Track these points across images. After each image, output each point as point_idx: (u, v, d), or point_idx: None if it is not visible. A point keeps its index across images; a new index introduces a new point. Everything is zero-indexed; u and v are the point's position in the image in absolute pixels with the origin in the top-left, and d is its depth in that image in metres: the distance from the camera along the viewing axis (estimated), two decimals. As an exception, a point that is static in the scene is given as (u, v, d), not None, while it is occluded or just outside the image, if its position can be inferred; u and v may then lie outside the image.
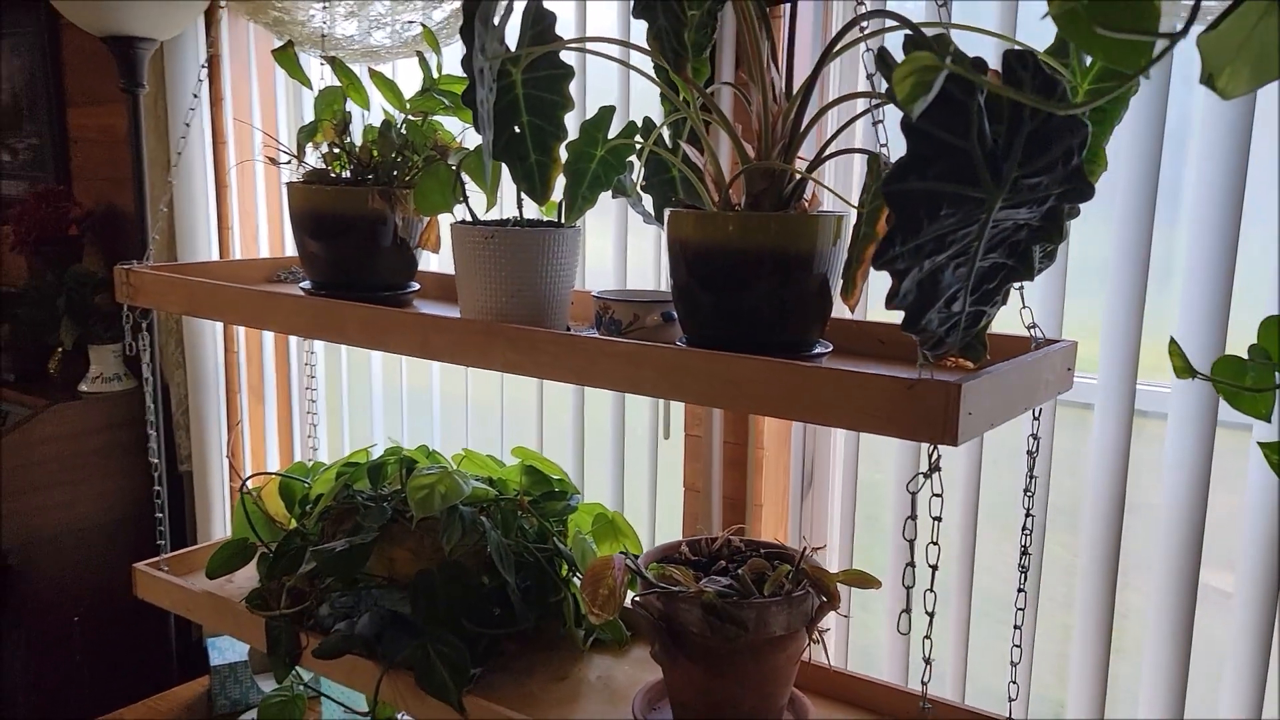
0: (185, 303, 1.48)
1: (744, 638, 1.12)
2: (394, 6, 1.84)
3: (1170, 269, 1.38)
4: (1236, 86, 0.68)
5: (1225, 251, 1.25)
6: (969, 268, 0.83)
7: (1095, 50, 0.69)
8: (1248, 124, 1.23)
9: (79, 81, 2.64)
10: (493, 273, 1.21)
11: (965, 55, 0.83)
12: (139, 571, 1.62)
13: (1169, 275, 1.37)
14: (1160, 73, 1.29)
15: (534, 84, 1.18)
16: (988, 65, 0.80)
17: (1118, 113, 1.05)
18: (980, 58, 0.78)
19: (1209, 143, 1.26)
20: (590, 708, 1.30)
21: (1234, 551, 1.33)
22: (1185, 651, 1.34)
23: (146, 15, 1.95)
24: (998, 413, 0.93)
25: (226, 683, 2.02)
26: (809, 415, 0.93)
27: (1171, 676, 1.35)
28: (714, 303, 1.05)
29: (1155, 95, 1.29)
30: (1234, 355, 0.85)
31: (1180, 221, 1.33)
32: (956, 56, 0.81)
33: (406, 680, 1.29)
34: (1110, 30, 0.61)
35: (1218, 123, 1.25)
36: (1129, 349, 1.34)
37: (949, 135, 0.75)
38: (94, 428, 2.39)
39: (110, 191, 2.61)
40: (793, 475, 1.63)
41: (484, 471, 1.53)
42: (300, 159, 1.51)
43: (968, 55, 0.83)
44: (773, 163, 1.07)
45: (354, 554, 1.37)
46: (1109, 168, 1.04)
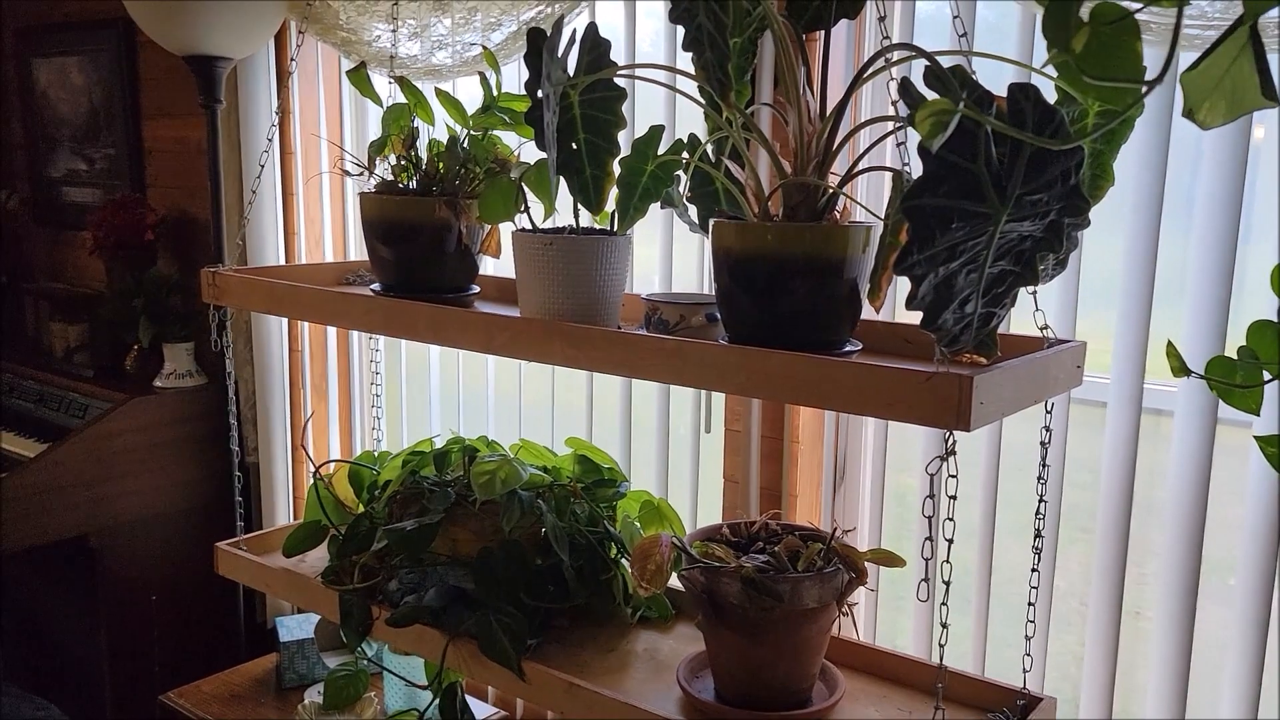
0: (267, 302, 1.61)
1: (779, 609, 1.23)
2: (455, 28, 1.97)
3: (1182, 277, 1.47)
4: (1214, 119, 0.79)
5: (1225, 260, 1.34)
6: (979, 274, 0.94)
7: (1087, 94, 0.81)
8: (1244, 145, 1.33)
9: (154, 96, 2.80)
10: (551, 276, 1.34)
11: (978, 85, 0.94)
12: (221, 550, 1.75)
13: (1180, 282, 1.47)
14: (1166, 95, 1.38)
15: (590, 105, 1.30)
16: (994, 97, 0.91)
17: (1124, 134, 1.15)
18: (987, 92, 0.89)
19: (1212, 160, 1.36)
20: (637, 676, 1.41)
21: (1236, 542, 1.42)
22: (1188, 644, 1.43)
23: (224, 36, 2.10)
24: (1008, 404, 1.04)
25: (294, 658, 2.16)
26: (838, 404, 1.04)
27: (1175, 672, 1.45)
28: (754, 304, 1.16)
29: (1161, 116, 1.39)
30: (1226, 356, 0.95)
31: (1190, 231, 1.43)
32: (970, 89, 0.92)
33: (470, 647, 1.41)
34: (1095, 80, 0.72)
35: (1219, 142, 1.35)
36: (1138, 351, 1.43)
37: (959, 159, 0.86)
38: (167, 420, 2.55)
39: (182, 200, 2.77)
40: (825, 468, 1.74)
41: (539, 460, 1.65)
42: (371, 171, 1.64)
43: (979, 84, 0.94)
44: (808, 178, 1.18)
45: (422, 533, 1.49)
46: (1117, 183, 1.15)
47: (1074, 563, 1.67)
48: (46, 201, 3.18)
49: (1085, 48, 0.73)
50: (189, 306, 2.67)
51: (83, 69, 2.94)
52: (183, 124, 2.74)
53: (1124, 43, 0.74)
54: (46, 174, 3.15)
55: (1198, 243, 1.38)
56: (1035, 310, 1.20)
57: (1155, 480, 1.54)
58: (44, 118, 3.12)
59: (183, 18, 2.04)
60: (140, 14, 2.11)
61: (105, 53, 2.84)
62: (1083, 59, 0.73)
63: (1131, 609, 1.55)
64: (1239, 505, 1.42)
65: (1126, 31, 0.73)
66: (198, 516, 2.61)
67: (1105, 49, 0.74)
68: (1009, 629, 1.64)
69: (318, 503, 1.72)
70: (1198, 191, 1.39)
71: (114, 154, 2.91)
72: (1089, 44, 0.73)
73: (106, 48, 2.83)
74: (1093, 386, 1.50)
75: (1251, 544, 1.37)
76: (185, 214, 2.77)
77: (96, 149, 2.96)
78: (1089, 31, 0.73)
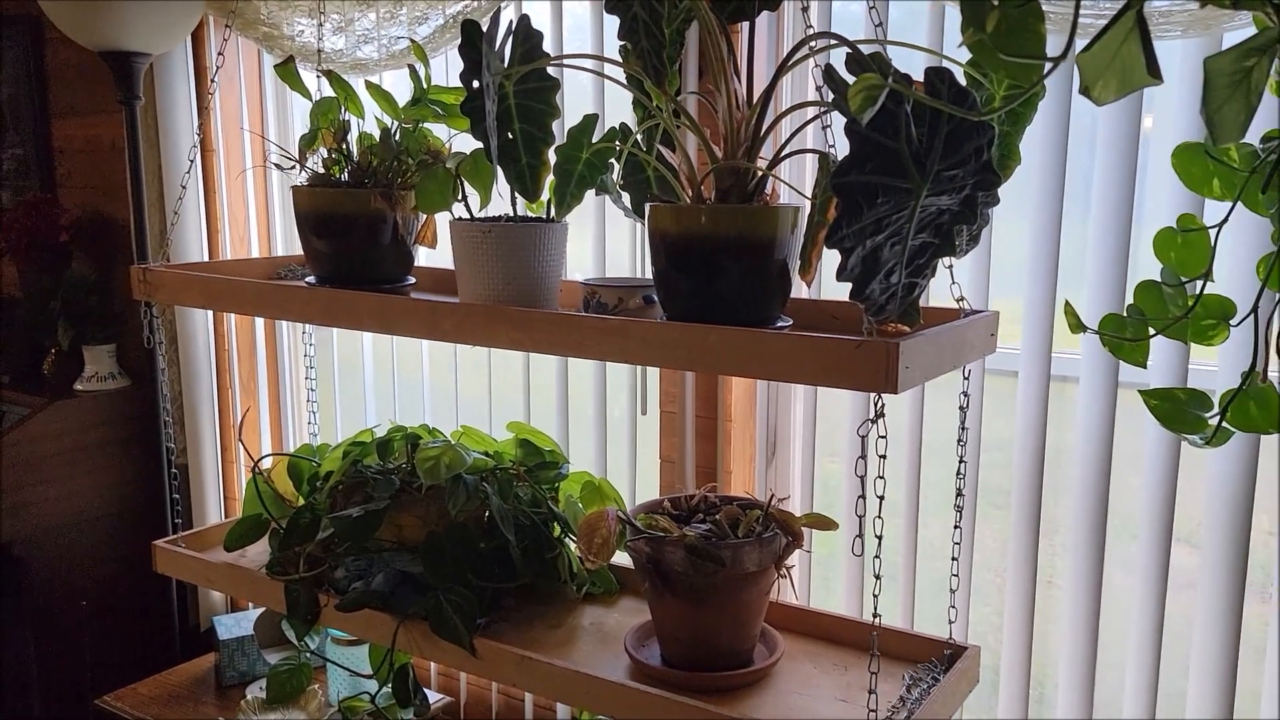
0: (204, 297, 1.62)
1: (722, 574, 1.29)
2: (381, 22, 1.99)
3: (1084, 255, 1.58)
4: (1107, 95, 0.87)
5: (1121, 239, 1.45)
6: (903, 246, 1.00)
7: (999, 70, 0.88)
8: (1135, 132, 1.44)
9: (63, 94, 2.74)
10: (490, 264, 1.37)
11: (897, 70, 1.01)
12: (159, 549, 1.74)
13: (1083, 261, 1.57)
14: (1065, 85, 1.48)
15: (525, 95, 1.33)
16: (913, 79, 0.98)
17: (1028, 116, 1.24)
18: (906, 75, 0.96)
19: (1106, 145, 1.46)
20: (586, 648, 1.46)
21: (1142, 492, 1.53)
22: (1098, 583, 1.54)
23: (142, 31, 2.08)
24: (931, 368, 1.11)
25: (234, 656, 2.16)
26: (777, 374, 1.10)
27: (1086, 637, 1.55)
28: (690, 284, 1.21)
29: (1060, 106, 1.49)
30: (1116, 314, 1.04)
31: (1090, 212, 1.53)
32: (891, 73, 0.99)
33: (421, 629, 1.44)
34: (1008, 55, 0.79)
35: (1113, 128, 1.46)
36: (1045, 320, 1.53)
37: (883, 137, 0.93)
38: (90, 424, 2.50)
39: (96, 199, 2.72)
40: (757, 444, 1.81)
41: (482, 445, 1.68)
42: (303, 165, 1.65)
43: (897, 69, 1.01)
44: (738, 162, 1.24)
45: (368, 519, 1.52)
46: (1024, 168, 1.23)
47: (990, 539, 1.77)
48: (-51, 205, 3.08)
49: (996, 28, 0.80)
50: (108, 308, 2.62)
51: (-15, 67, 2.86)
52: (94, 122, 2.69)
53: (1029, 24, 0.81)
54: (-51, 176, 3.06)
55: (1095, 223, 1.49)
56: (952, 283, 1.28)
57: (1064, 456, 1.65)
58: (-55, 118, 3.02)
59: (100, 13, 2.02)
60: (55, 10, 2.08)
61: (10, 50, 2.77)
62: (995, 38, 0.80)
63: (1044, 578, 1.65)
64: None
65: (1032, 14, 0.81)
66: (126, 520, 2.57)
67: (1014, 30, 0.82)
68: (932, 603, 1.73)
69: (257, 497, 1.72)
70: (1095, 175, 1.49)
71: (21, 154, 2.84)
72: (999, 25, 0.80)
73: (11, 45, 2.76)
74: (1007, 357, 1.59)
75: (1150, 504, 1.48)
76: (100, 213, 2.72)
77: (3, 149, 2.88)
78: (999, 14, 0.80)
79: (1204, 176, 1.06)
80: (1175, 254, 1.07)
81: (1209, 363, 1.50)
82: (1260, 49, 0.82)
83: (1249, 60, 0.82)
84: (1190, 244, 1.06)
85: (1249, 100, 0.83)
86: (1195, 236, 1.06)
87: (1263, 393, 1.03)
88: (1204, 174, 1.06)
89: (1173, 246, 1.07)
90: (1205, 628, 1.48)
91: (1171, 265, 1.08)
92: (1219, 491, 1.44)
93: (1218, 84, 0.83)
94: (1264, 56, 0.82)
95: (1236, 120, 0.84)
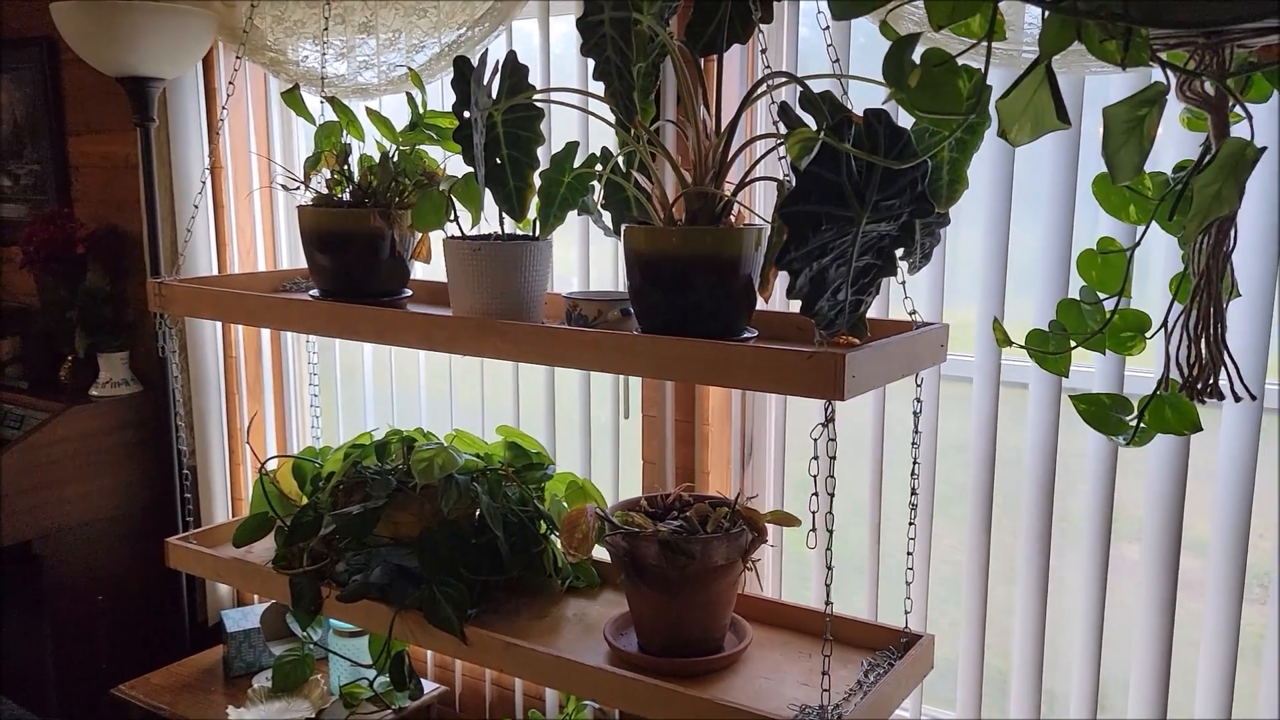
0: (214, 309, 1.73)
1: (692, 566, 1.40)
2: (381, 49, 2.10)
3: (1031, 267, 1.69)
4: (1022, 137, 0.98)
5: (1063, 251, 1.56)
6: (847, 267, 1.11)
7: (921, 121, 0.99)
8: (1075, 152, 1.55)
9: (79, 113, 2.87)
10: (480, 278, 1.48)
11: (842, 108, 1.12)
12: (171, 545, 1.86)
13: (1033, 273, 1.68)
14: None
15: (512, 124, 1.45)
16: (854, 118, 1.09)
17: (975, 144, 1.35)
18: (849, 115, 1.07)
19: (1048, 166, 1.58)
20: (569, 636, 1.56)
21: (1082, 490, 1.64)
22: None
23: (157, 57, 2.20)
24: (879, 377, 1.22)
25: (241, 648, 2.27)
26: (736, 382, 1.21)
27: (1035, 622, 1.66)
28: (662, 299, 1.32)
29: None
30: (1040, 329, 1.15)
31: (1037, 227, 1.64)
32: (836, 111, 1.10)
33: (415, 618, 1.55)
34: (922, 112, 0.90)
35: (1054, 150, 1.57)
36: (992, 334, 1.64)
37: (825, 172, 1.04)
38: (105, 428, 2.62)
39: (110, 213, 2.84)
40: (733, 447, 1.92)
41: (473, 448, 1.79)
42: (307, 185, 1.76)
43: (844, 107, 1.12)
44: (706, 187, 1.35)
45: (367, 516, 1.63)
46: (979, 191, 1.34)
47: (947, 543, 1.88)
48: (-32, 218, 3.20)
49: (919, 84, 0.91)
50: (121, 317, 2.74)
51: (4, 87, 2.98)
52: (108, 139, 2.81)
53: (948, 80, 0.92)
54: (-33, 190, 3.18)
55: (1042, 237, 1.60)
56: (905, 298, 1.39)
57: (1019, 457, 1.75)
58: (-37, 135, 3.15)
59: (118, 41, 2.14)
60: (74, 37, 2.20)
61: (28, 70, 2.89)
62: (916, 94, 0.91)
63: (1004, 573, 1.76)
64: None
65: (950, 71, 0.92)
66: (137, 520, 2.69)
67: (934, 85, 0.93)
68: (896, 601, 1.84)
69: (264, 496, 1.83)
70: (1041, 193, 1.60)
71: (39, 170, 2.96)
72: (921, 81, 0.91)
73: (29, 65, 2.88)
74: (963, 365, 1.70)
75: (1094, 497, 1.59)
76: (114, 227, 2.84)
77: (21, 165, 3.01)
78: (921, 71, 0.91)
79: (1121, 203, 1.17)
80: (1096, 273, 1.18)
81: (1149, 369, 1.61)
82: (1150, 100, 0.93)
83: (1141, 110, 0.93)
84: (1109, 264, 1.17)
85: (1142, 145, 0.94)
86: (1114, 257, 1.17)
87: (1178, 397, 1.14)
88: (1121, 200, 1.17)
89: (1094, 266, 1.18)
90: (1147, 617, 1.59)
91: (1093, 283, 1.18)
92: (1156, 489, 1.55)
93: (1115, 129, 0.94)
94: (1154, 107, 0.93)
95: (1131, 161, 0.95)
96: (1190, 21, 0.82)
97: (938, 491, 1.76)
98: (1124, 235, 1.23)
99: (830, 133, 0.97)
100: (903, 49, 0.92)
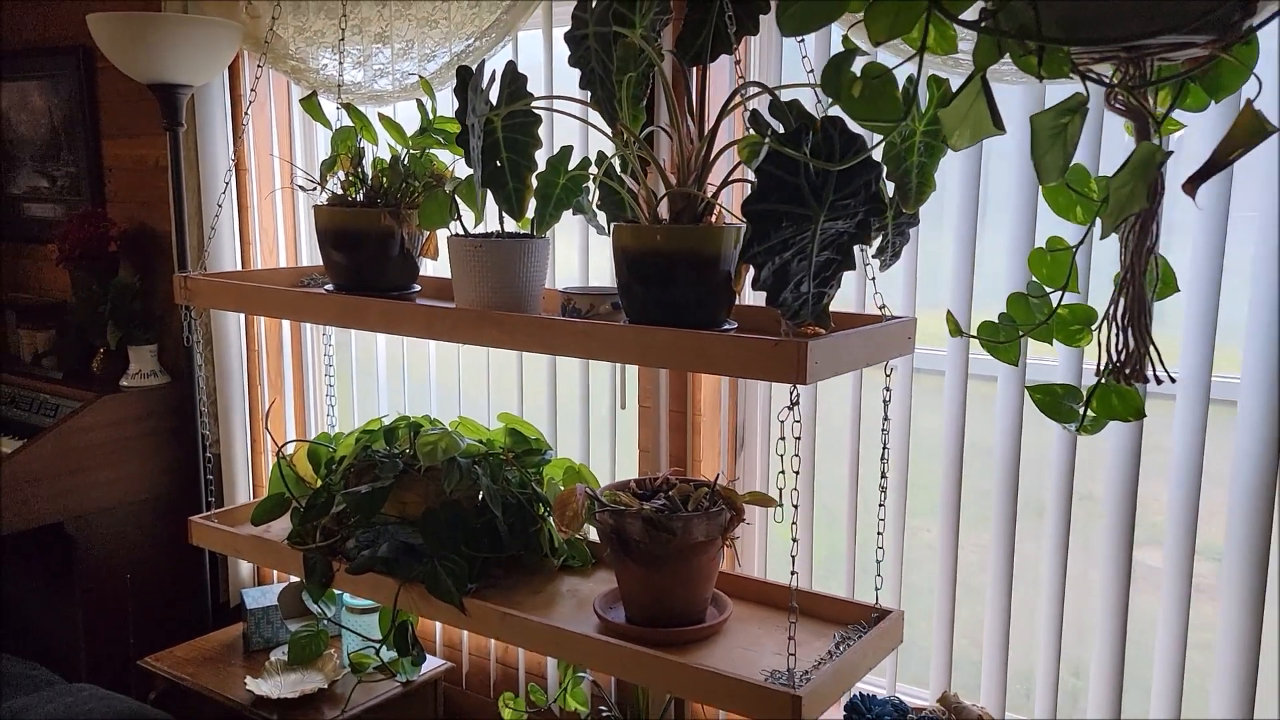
0: (237, 302, 1.85)
1: (674, 542, 1.50)
2: (395, 58, 2.22)
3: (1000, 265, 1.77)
4: (962, 143, 1.07)
5: (1028, 250, 1.65)
6: (808, 261, 1.21)
7: (865, 127, 1.09)
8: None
9: (112, 117, 3.01)
10: (481, 273, 1.59)
11: (806, 114, 1.22)
12: (195, 523, 1.97)
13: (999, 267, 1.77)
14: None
15: (511, 129, 1.55)
16: (815, 123, 1.19)
17: (942, 151, 1.44)
18: (810, 120, 1.17)
19: (1014, 171, 1.67)
20: (562, 610, 1.67)
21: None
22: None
23: (186, 66, 2.33)
24: (841, 364, 1.32)
25: (260, 624, 2.39)
26: (710, 368, 1.31)
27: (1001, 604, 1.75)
28: (648, 293, 1.42)
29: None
30: (990, 320, 1.24)
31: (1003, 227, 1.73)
32: (800, 117, 1.20)
33: (419, 590, 1.66)
34: (862, 120, 1.00)
35: (1022, 157, 1.66)
36: (966, 326, 1.73)
37: (784, 173, 1.14)
38: (134, 416, 2.76)
39: (140, 213, 2.98)
40: (722, 435, 2.01)
41: (476, 434, 1.90)
42: (323, 186, 1.88)
43: (808, 113, 1.22)
44: (689, 189, 1.45)
45: (375, 495, 1.74)
46: (952, 192, 1.44)
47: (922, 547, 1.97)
48: (7, 217, 3.36)
49: (861, 94, 1.01)
50: (149, 311, 2.88)
51: (43, 92, 3.13)
52: (140, 143, 2.95)
53: (886, 91, 1.02)
54: (7, 191, 3.33)
55: (1007, 236, 1.69)
56: (875, 293, 1.48)
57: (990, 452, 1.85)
58: (4, 138, 3.30)
59: (149, 51, 2.27)
60: (109, 47, 2.33)
61: (65, 77, 3.04)
62: (857, 104, 1.01)
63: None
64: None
65: (887, 83, 1.02)
66: (163, 503, 2.83)
67: (874, 95, 1.02)
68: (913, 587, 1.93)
69: (281, 478, 1.95)
70: (1009, 196, 1.70)
71: (74, 171, 3.10)
72: (863, 91, 1.01)
73: (67, 73, 3.03)
74: (937, 359, 1.80)
75: (1058, 482, 1.68)
76: (144, 226, 2.97)
77: (58, 167, 3.15)
78: (862, 83, 1.01)
79: (1069, 205, 1.26)
80: (1045, 269, 1.27)
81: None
82: (1073, 109, 1.02)
83: (1064, 118, 1.03)
84: (1057, 261, 1.26)
85: (1065, 149, 1.03)
86: (1061, 255, 1.26)
87: (1122, 386, 1.23)
88: (1069, 202, 1.26)
89: (1044, 263, 1.27)
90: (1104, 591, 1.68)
91: (1043, 279, 1.28)
92: (1115, 461, 1.64)
93: (1041, 136, 1.04)
94: (1076, 115, 1.03)
95: (1056, 165, 1.04)
96: (1099, 39, 0.91)
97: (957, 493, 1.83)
98: (1077, 236, 1.32)
99: (780, 139, 1.07)
100: (840, 64, 1.02)
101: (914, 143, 1.38)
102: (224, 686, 2.24)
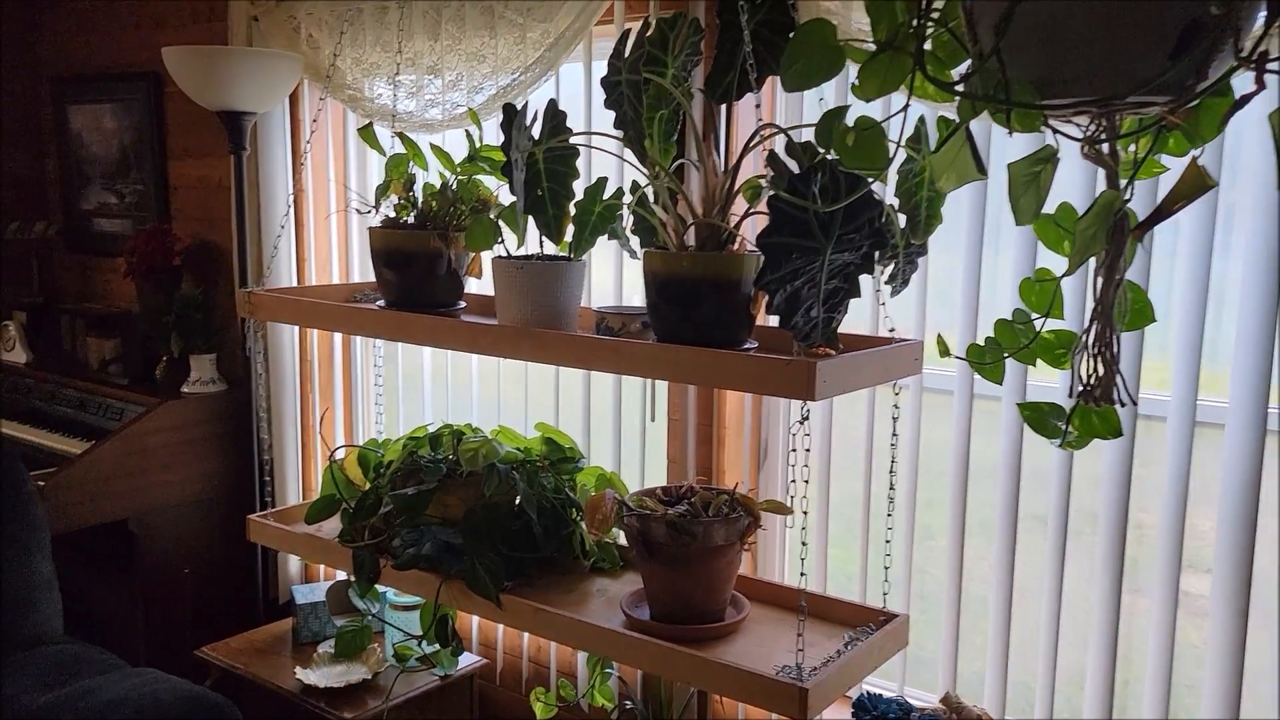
0: (295, 315, 2.00)
1: (695, 545, 1.62)
2: (445, 89, 2.37)
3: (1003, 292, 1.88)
4: (949, 186, 1.20)
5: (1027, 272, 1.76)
6: (817, 289, 1.33)
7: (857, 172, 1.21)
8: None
9: (178, 139, 3.20)
10: (522, 293, 1.72)
11: (818, 154, 1.34)
12: (252, 521, 2.12)
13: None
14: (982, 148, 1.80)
15: (551, 161, 1.68)
16: (825, 159, 1.31)
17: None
18: (823, 160, 1.29)
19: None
20: (592, 607, 1.79)
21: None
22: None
23: (250, 94, 2.50)
24: (849, 384, 1.43)
25: (309, 618, 2.54)
26: (728, 384, 1.44)
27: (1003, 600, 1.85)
28: (674, 314, 1.54)
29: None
30: (977, 344, 1.35)
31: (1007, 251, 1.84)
32: (812, 158, 1.32)
33: (459, 586, 1.79)
34: (853, 167, 1.12)
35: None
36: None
37: (793, 209, 1.27)
38: (194, 421, 2.93)
39: (203, 230, 3.16)
40: (745, 448, 2.13)
41: (514, 442, 2.04)
42: (377, 209, 2.02)
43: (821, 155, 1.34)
44: (714, 219, 1.58)
45: (420, 498, 1.88)
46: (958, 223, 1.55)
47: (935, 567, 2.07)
48: (79, 231, 3.56)
49: (855, 144, 1.13)
50: (210, 322, 3.05)
51: (114, 115, 3.33)
52: (204, 164, 3.14)
53: (876, 140, 1.14)
54: (79, 207, 3.54)
55: (1010, 262, 1.80)
56: (884, 317, 1.60)
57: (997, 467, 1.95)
58: (78, 157, 3.50)
59: (218, 81, 2.44)
60: (181, 77, 2.51)
61: (136, 101, 3.24)
62: (849, 153, 1.13)
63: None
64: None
65: (877, 134, 1.14)
66: (220, 504, 3.00)
67: (866, 144, 1.15)
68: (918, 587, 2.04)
69: (332, 481, 2.09)
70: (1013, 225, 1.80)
71: (142, 189, 3.29)
72: (856, 142, 1.14)
73: (137, 97, 3.23)
74: (948, 379, 1.90)
75: (1058, 497, 1.78)
76: (206, 242, 3.16)
77: (126, 185, 3.35)
78: (854, 134, 1.13)
79: (1057, 239, 1.37)
80: (1034, 297, 1.38)
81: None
82: (1044, 159, 1.14)
83: (1036, 167, 1.14)
84: (1044, 290, 1.37)
85: (1039, 194, 1.15)
86: (1046, 284, 1.37)
87: (1102, 407, 1.33)
88: (1057, 238, 1.37)
89: (1032, 291, 1.38)
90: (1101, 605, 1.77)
91: (1031, 305, 1.38)
92: (1110, 484, 1.74)
93: (1017, 181, 1.16)
94: (1047, 164, 1.14)
95: (1030, 208, 1.16)
96: (1067, 98, 1.03)
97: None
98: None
99: (779, 181, 1.19)
100: (831, 119, 1.14)
101: (924, 178, 1.50)
102: (275, 675, 2.39)
